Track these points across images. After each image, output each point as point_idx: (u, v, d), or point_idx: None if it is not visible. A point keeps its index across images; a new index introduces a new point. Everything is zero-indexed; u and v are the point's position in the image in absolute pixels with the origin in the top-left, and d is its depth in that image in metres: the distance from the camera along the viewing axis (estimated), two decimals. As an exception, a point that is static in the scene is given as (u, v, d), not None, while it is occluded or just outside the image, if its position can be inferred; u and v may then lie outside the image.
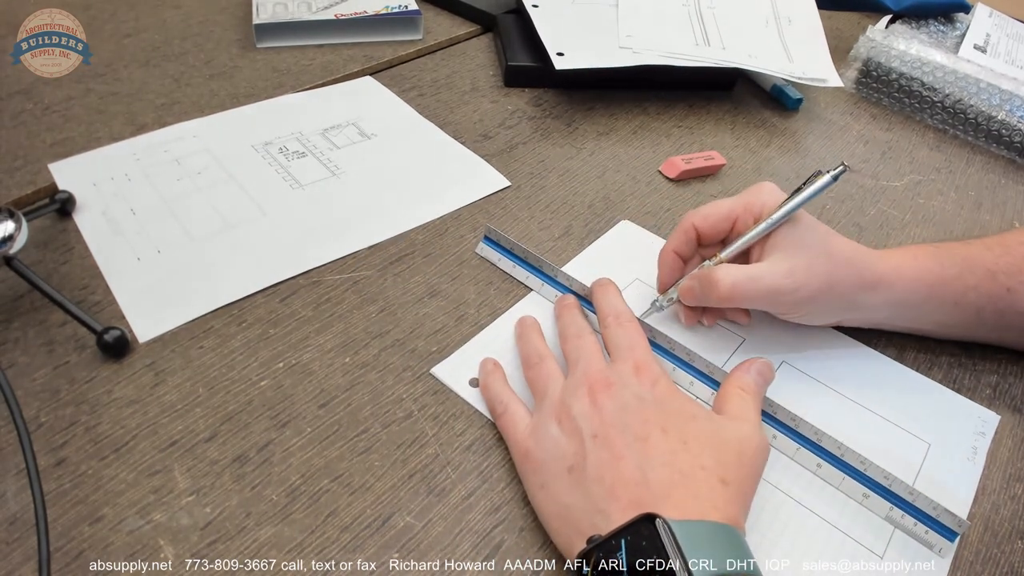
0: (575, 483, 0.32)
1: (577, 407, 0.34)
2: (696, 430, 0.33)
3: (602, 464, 0.31)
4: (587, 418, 0.33)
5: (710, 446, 0.32)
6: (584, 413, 0.34)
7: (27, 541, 0.31)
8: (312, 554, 0.32)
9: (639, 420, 0.33)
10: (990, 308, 0.42)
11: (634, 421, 0.33)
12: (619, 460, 0.31)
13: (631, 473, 0.31)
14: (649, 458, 0.31)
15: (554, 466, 0.33)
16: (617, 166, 0.58)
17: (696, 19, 0.69)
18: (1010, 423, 0.41)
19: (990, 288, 0.41)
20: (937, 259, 0.42)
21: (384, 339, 0.42)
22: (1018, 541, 0.35)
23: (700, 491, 0.30)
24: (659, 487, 0.30)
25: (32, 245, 0.44)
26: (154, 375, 0.38)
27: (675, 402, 0.34)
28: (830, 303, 0.40)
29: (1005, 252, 0.42)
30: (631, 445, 0.32)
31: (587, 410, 0.34)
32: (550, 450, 0.33)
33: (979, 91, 0.66)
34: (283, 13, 0.68)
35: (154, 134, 0.56)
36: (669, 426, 0.33)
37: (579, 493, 0.31)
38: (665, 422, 0.33)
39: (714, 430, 0.33)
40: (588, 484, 0.31)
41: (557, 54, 0.61)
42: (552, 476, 0.33)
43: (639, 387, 0.34)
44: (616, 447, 0.32)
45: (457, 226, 0.50)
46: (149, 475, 0.34)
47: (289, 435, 0.36)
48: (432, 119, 0.61)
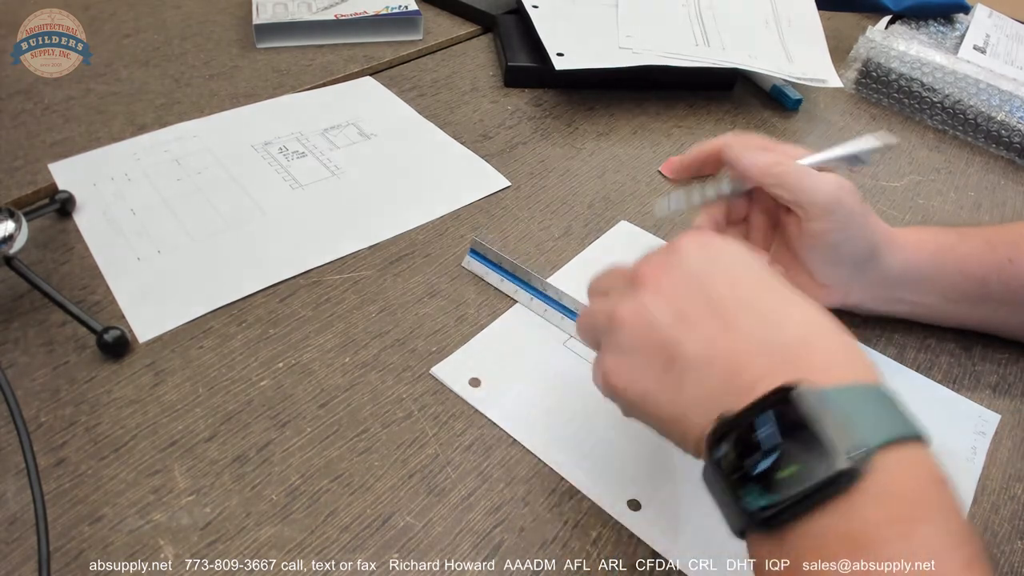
0: (679, 377, 0.27)
1: (641, 301, 0.28)
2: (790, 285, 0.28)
3: (703, 341, 0.26)
4: (661, 306, 0.28)
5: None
6: (654, 303, 0.28)
7: (27, 541, 0.31)
8: (312, 554, 0.32)
9: (725, 280, 0.27)
10: (995, 278, 0.42)
11: (718, 283, 0.27)
12: (724, 332, 0.26)
13: (747, 342, 0.26)
14: (763, 319, 0.26)
15: (646, 374, 0.28)
16: (617, 166, 0.58)
17: (696, 19, 0.69)
18: (1010, 423, 0.41)
19: (991, 258, 0.42)
20: (932, 232, 0.43)
21: (384, 339, 0.42)
22: (1018, 541, 0.35)
23: (839, 348, 0.26)
24: (791, 350, 0.25)
25: (32, 245, 0.44)
26: (154, 375, 0.38)
27: (756, 257, 0.29)
28: (862, 233, 0.40)
29: (1001, 230, 0.44)
30: (728, 309, 0.27)
31: (656, 299, 0.28)
32: (633, 360, 0.28)
33: (979, 92, 0.66)
34: (283, 13, 0.68)
35: (154, 134, 0.56)
36: (765, 277, 0.28)
37: (689, 386, 0.26)
38: (758, 274, 0.28)
39: None
40: (695, 372, 0.26)
41: (557, 54, 0.61)
42: (651, 380, 0.28)
43: (699, 253, 0.29)
44: (712, 319, 0.27)
45: (457, 226, 0.50)
46: (149, 475, 0.34)
47: (289, 435, 0.36)
48: (432, 119, 0.61)
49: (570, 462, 0.36)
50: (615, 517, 0.34)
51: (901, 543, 0.21)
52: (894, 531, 0.21)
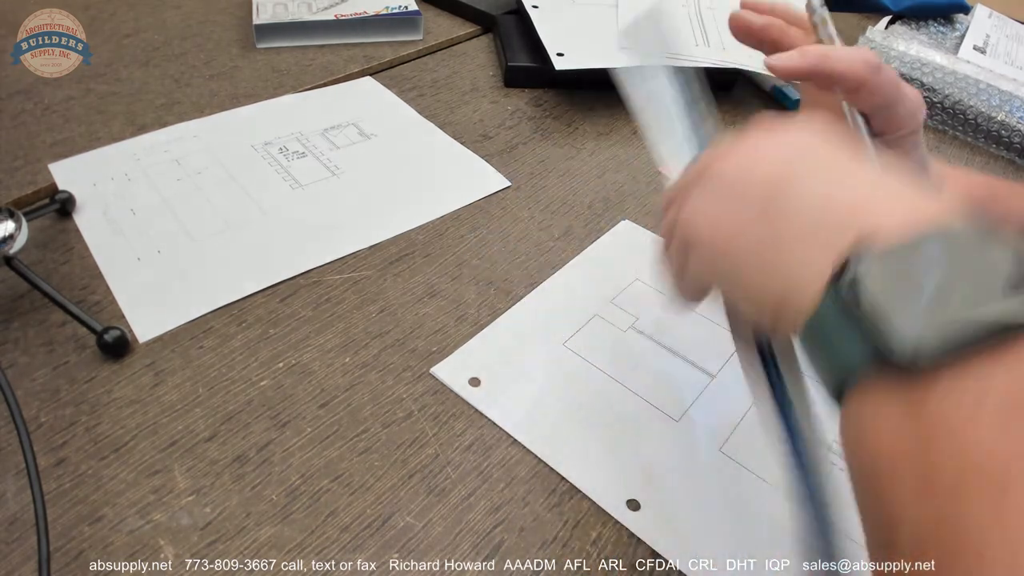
0: (781, 218, 0.23)
1: (739, 151, 0.26)
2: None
3: (814, 185, 0.23)
4: (760, 156, 0.25)
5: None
6: (752, 155, 0.26)
7: (27, 541, 0.31)
8: (312, 554, 0.32)
9: (827, 150, 0.25)
10: None
11: (821, 150, 0.25)
12: (835, 184, 0.23)
13: (861, 190, 0.23)
14: (869, 177, 0.23)
15: (740, 216, 0.25)
16: (617, 166, 0.58)
17: (696, 19, 0.69)
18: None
19: None
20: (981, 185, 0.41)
21: (384, 339, 0.42)
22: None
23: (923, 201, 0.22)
24: (912, 197, 0.22)
25: (32, 245, 0.44)
26: (154, 375, 0.38)
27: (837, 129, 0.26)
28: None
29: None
30: (846, 167, 0.24)
31: (751, 152, 0.26)
32: (725, 204, 0.25)
33: (978, 92, 0.66)
34: (283, 13, 0.68)
35: (154, 134, 0.56)
36: (838, 148, 0.25)
37: (795, 226, 0.23)
38: (835, 146, 0.25)
39: None
40: (805, 213, 0.23)
41: (557, 54, 0.61)
42: (743, 225, 0.24)
43: (781, 133, 0.26)
44: (822, 162, 0.24)
45: (457, 226, 0.50)
46: (149, 475, 0.34)
47: (289, 435, 0.36)
48: (432, 119, 0.61)
49: (570, 462, 0.36)
50: (615, 517, 0.34)
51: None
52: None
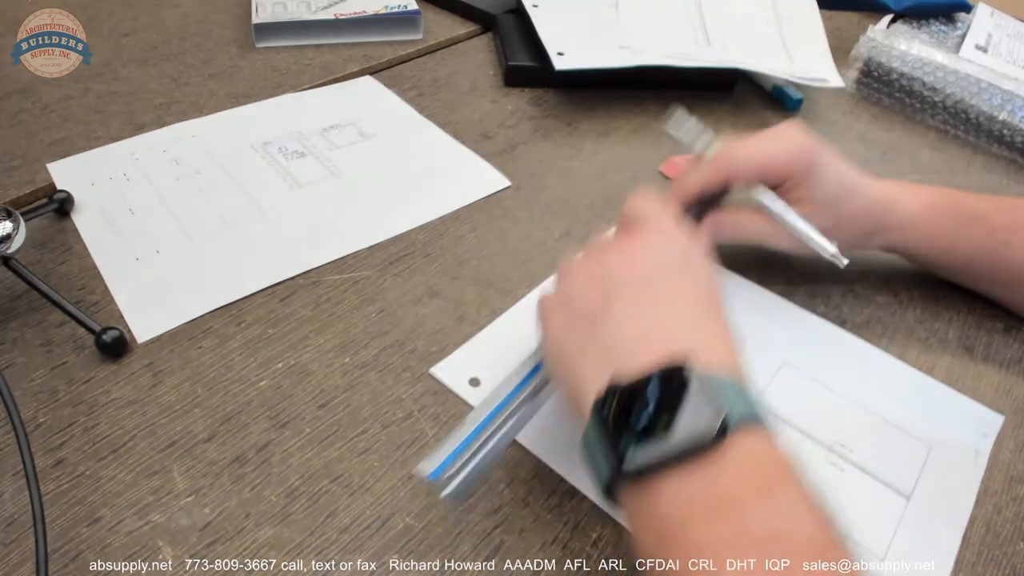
0: (597, 329, 0.31)
1: (604, 258, 0.33)
2: (719, 293, 0.33)
3: (628, 314, 0.30)
4: (612, 272, 0.32)
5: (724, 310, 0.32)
6: (610, 266, 0.33)
7: (25, 542, 0.31)
8: (312, 555, 0.32)
9: (673, 275, 0.32)
10: (984, 261, 0.45)
11: (667, 275, 0.32)
12: (647, 313, 0.30)
13: (659, 325, 0.30)
14: (681, 313, 0.31)
15: (575, 315, 0.32)
16: (617, 166, 0.58)
17: (697, 19, 0.69)
18: (1012, 424, 0.41)
19: (986, 242, 0.44)
20: (941, 206, 0.45)
21: (384, 339, 0.42)
22: (1020, 543, 0.35)
23: (729, 351, 0.30)
24: (691, 340, 0.29)
25: (30, 245, 0.44)
26: (152, 375, 0.38)
27: (707, 264, 0.34)
28: (855, 234, 0.44)
29: (1014, 208, 0.45)
30: (662, 299, 0.31)
31: (614, 264, 0.33)
32: (574, 299, 0.32)
33: (980, 91, 0.66)
34: (282, 13, 0.68)
35: (153, 134, 0.56)
36: (702, 283, 0.32)
37: (601, 337, 0.30)
38: (697, 284, 0.32)
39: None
40: (612, 328, 0.30)
41: (557, 54, 0.61)
42: (573, 323, 0.32)
43: (670, 244, 0.33)
44: (644, 300, 0.31)
45: (457, 226, 0.50)
46: (148, 476, 0.34)
47: (288, 436, 0.36)
48: (432, 119, 0.61)
49: (570, 463, 0.36)
50: (615, 518, 0.34)
51: (759, 504, 0.25)
52: (752, 494, 0.25)
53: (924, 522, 0.35)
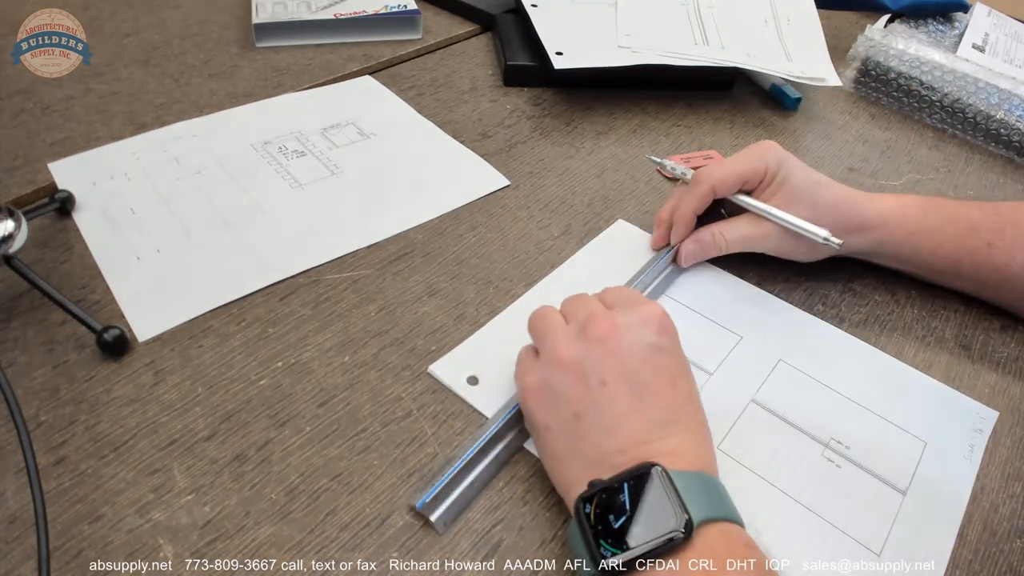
0: (582, 429, 0.32)
1: (584, 351, 0.33)
2: (695, 386, 0.35)
3: (609, 413, 0.32)
4: (595, 365, 0.33)
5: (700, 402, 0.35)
6: (592, 358, 0.33)
7: (27, 540, 0.31)
8: (311, 553, 0.32)
9: (650, 370, 0.33)
10: (968, 261, 0.45)
11: (645, 370, 0.33)
12: (627, 411, 0.32)
13: (637, 424, 0.32)
14: (657, 410, 0.32)
15: (560, 411, 0.33)
16: (616, 165, 0.58)
17: (695, 18, 0.69)
18: (1009, 421, 0.41)
19: (969, 243, 0.45)
20: (923, 209, 0.46)
21: (383, 338, 0.42)
22: (1017, 540, 0.35)
23: (700, 446, 0.32)
24: (664, 440, 0.31)
25: (32, 244, 0.44)
26: (153, 374, 0.38)
27: (683, 354, 0.35)
28: (814, 244, 0.45)
29: (993, 213, 0.46)
30: (642, 395, 0.32)
31: (596, 356, 0.33)
32: (559, 392, 0.33)
33: (977, 90, 0.66)
34: (282, 13, 0.68)
35: (154, 133, 0.56)
36: (679, 379, 0.34)
37: (585, 438, 0.32)
38: (676, 374, 0.34)
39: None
40: (594, 431, 0.32)
41: (556, 53, 0.61)
42: (558, 420, 0.33)
43: (649, 334, 0.34)
44: (624, 397, 0.32)
45: (456, 225, 0.50)
46: (148, 474, 0.34)
47: (288, 434, 0.36)
48: (431, 118, 0.61)
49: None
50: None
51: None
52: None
53: (920, 517, 0.35)
